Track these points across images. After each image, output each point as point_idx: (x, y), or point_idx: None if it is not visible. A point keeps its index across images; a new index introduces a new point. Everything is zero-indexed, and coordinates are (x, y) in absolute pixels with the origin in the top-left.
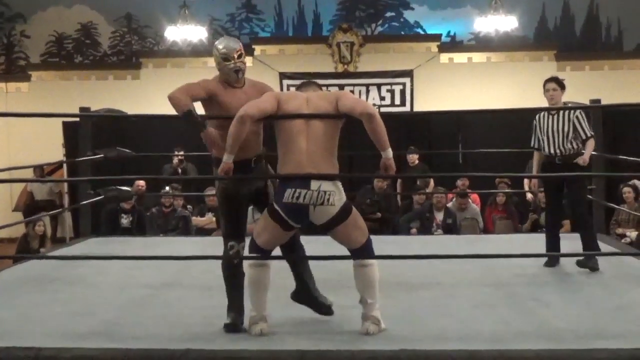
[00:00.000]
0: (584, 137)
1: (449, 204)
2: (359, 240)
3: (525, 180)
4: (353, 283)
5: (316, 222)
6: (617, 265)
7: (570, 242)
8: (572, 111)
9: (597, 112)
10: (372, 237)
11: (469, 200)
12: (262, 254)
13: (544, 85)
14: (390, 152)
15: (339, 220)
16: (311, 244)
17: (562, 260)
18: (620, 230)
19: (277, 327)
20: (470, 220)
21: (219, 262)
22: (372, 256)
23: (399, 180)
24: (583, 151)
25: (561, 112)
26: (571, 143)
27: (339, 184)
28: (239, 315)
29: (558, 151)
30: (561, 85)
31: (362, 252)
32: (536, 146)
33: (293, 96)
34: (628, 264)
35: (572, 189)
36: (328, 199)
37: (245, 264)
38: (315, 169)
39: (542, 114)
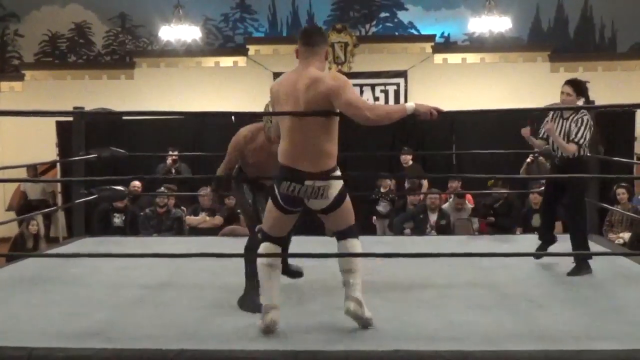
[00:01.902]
0: (571, 137)
1: (444, 205)
2: (346, 222)
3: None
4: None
5: (312, 208)
6: (610, 266)
7: (563, 243)
8: (579, 114)
9: (591, 113)
10: (374, 237)
11: (466, 200)
12: (271, 240)
13: (561, 87)
14: (411, 106)
15: (332, 208)
16: (307, 244)
17: (556, 260)
18: (613, 236)
19: None
20: (464, 221)
21: (214, 261)
22: (356, 236)
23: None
24: (575, 155)
25: (570, 117)
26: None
27: (335, 173)
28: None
29: (559, 154)
30: (578, 89)
31: (346, 233)
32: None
33: (276, 93)
34: (621, 265)
35: (567, 192)
36: (322, 194)
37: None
38: (309, 162)
39: (554, 114)
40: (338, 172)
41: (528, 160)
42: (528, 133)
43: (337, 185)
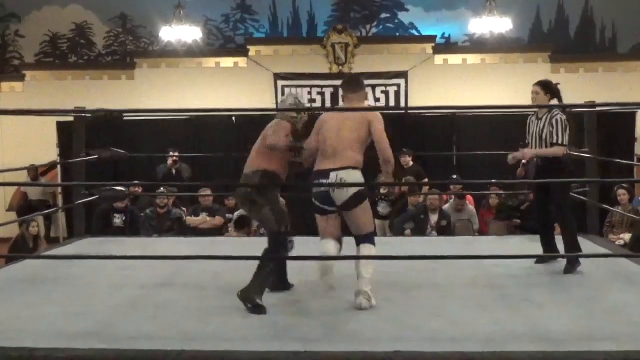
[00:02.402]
0: (553, 141)
1: (445, 206)
2: (367, 228)
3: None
4: (348, 285)
5: (337, 203)
6: (609, 267)
7: (560, 244)
8: (552, 114)
9: (592, 114)
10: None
11: (466, 201)
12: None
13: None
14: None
15: (352, 205)
16: (309, 246)
17: (556, 261)
18: (614, 237)
19: (272, 328)
20: (465, 222)
21: (214, 262)
22: (373, 243)
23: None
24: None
25: (544, 117)
26: (547, 147)
27: (357, 174)
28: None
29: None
30: (546, 89)
31: (366, 239)
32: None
33: (324, 117)
34: (620, 265)
35: (552, 193)
36: (341, 180)
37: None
38: (336, 162)
39: (531, 117)
40: (361, 175)
41: (524, 160)
42: (514, 160)
43: (355, 180)
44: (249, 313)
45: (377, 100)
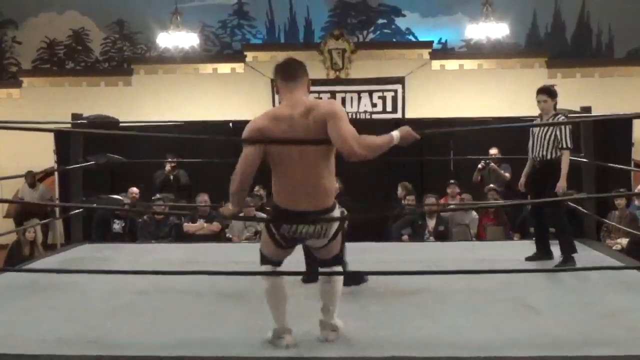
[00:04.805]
0: (562, 145)
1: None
2: (334, 252)
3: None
4: (344, 291)
5: (311, 245)
6: (607, 272)
7: (556, 246)
8: (557, 118)
9: (588, 120)
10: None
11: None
12: (271, 264)
13: (536, 95)
14: (397, 135)
15: (328, 244)
16: (300, 253)
17: (553, 265)
18: (611, 242)
19: (268, 333)
20: (462, 227)
21: (210, 268)
22: (340, 262)
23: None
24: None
25: (550, 120)
26: (552, 150)
27: (335, 209)
28: None
29: (540, 156)
30: (551, 95)
31: (331, 262)
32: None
33: (277, 116)
34: (618, 270)
35: (547, 195)
36: (324, 234)
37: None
38: (310, 201)
39: (537, 121)
40: (337, 210)
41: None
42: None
43: (336, 223)
44: None
45: (374, 105)
